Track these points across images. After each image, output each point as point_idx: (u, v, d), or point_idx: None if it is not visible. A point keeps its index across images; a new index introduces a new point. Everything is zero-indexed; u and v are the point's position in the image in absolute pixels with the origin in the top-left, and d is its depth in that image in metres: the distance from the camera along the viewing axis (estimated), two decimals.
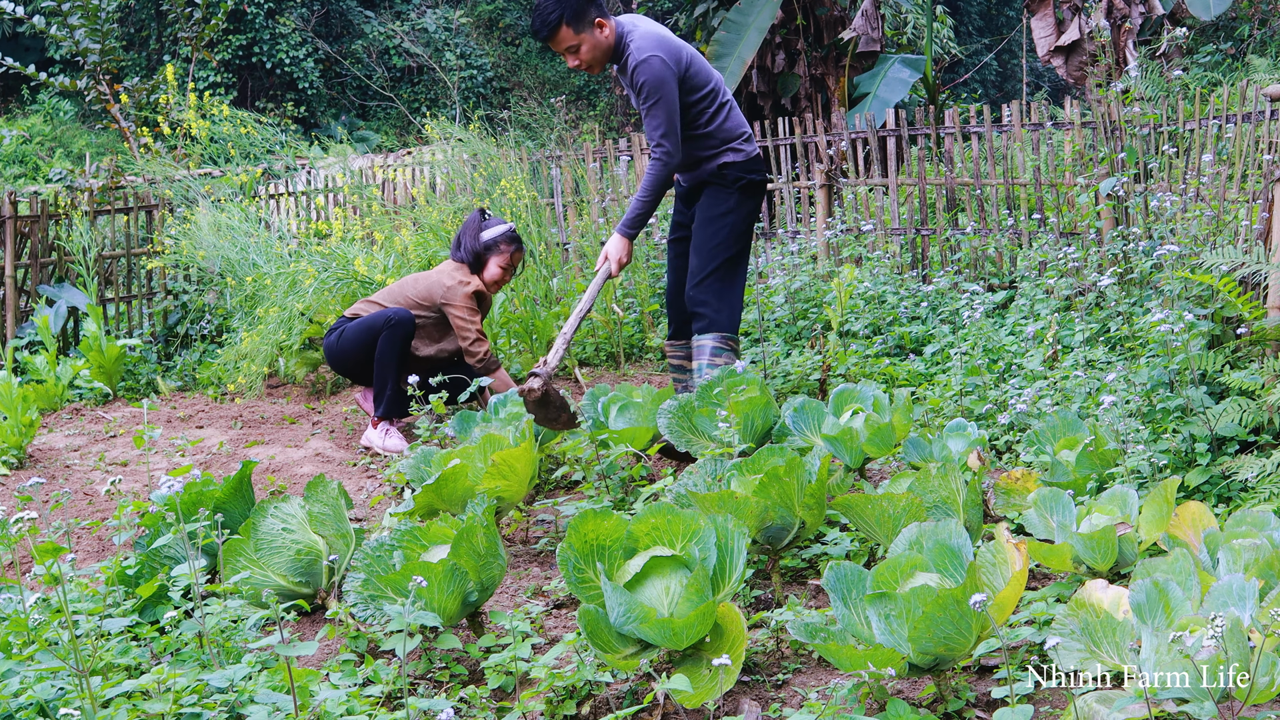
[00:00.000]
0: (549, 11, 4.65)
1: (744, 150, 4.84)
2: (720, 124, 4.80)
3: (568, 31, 4.67)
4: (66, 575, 2.82)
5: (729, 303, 4.82)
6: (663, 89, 4.62)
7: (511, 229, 5.69)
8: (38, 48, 18.10)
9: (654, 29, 4.75)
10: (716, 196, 4.84)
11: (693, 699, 2.68)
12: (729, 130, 4.82)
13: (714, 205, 4.84)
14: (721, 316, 4.78)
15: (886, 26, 13.45)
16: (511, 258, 5.66)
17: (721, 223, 4.81)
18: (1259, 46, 12.26)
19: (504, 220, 5.76)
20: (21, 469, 5.48)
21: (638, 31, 4.71)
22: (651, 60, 4.62)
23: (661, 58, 4.63)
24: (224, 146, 8.32)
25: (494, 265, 5.61)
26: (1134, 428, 3.66)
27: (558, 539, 4.06)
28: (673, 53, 4.69)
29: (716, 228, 4.81)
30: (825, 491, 3.43)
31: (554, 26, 4.66)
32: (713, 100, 4.79)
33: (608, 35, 4.71)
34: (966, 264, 6.76)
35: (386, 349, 5.43)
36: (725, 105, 4.83)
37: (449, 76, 20.70)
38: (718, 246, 4.80)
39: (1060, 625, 2.64)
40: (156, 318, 7.68)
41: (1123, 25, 9.58)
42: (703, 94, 4.76)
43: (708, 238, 4.82)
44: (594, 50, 4.72)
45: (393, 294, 5.63)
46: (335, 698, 2.67)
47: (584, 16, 4.66)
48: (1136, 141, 5.46)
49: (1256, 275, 4.17)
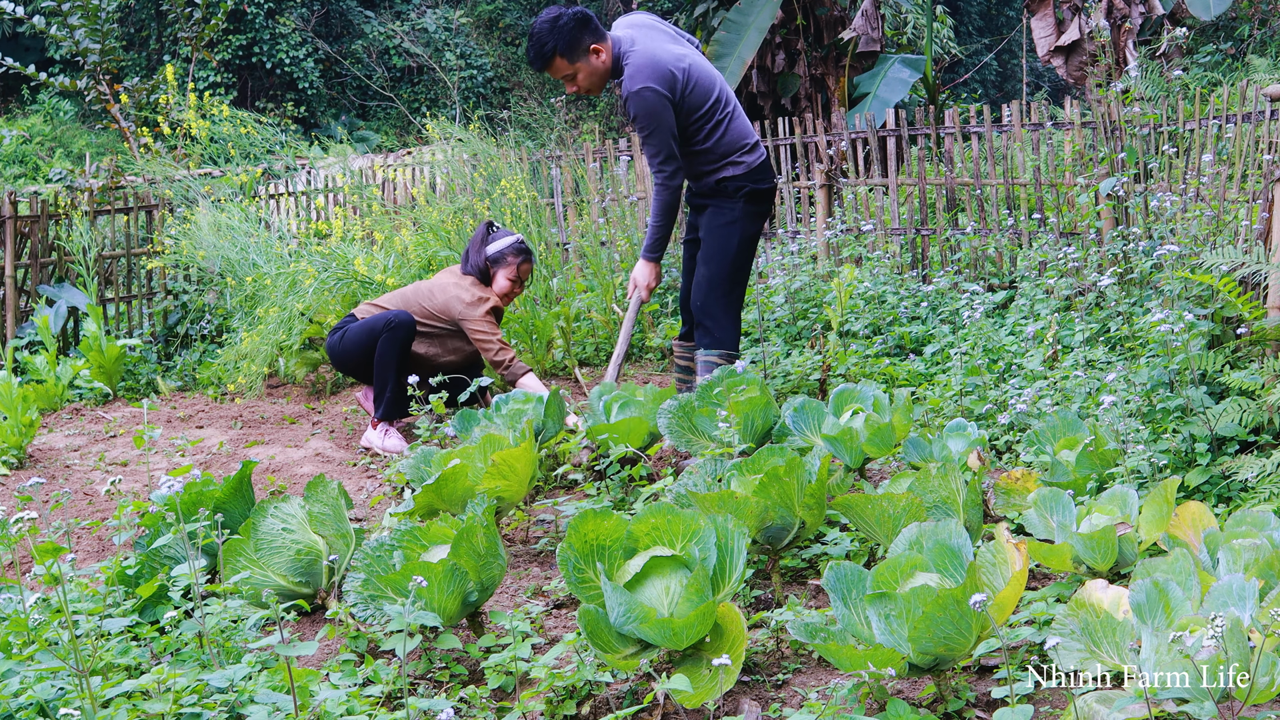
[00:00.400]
0: (543, 43, 4.64)
1: (745, 162, 4.79)
2: (719, 139, 4.75)
3: (562, 62, 4.67)
4: (66, 575, 2.82)
5: (733, 317, 4.86)
6: (656, 121, 4.60)
7: (518, 241, 5.64)
8: (38, 48, 18.10)
9: (649, 51, 4.64)
10: (721, 207, 4.83)
11: (693, 699, 2.68)
12: (728, 144, 4.77)
13: (718, 215, 4.83)
14: (725, 334, 4.82)
15: (886, 26, 13.45)
16: (519, 270, 5.62)
17: (728, 231, 4.81)
18: (1259, 46, 12.26)
19: (512, 232, 5.71)
20: (21, 469, 5.48)
21: (634, 54, 4.64)
22: (644, 94, 4.58)
23: (654, 89, 4.58)
24: (224, 146, 8.32)
25: (501, 278, 5.59)
26: (1134, 428, 3.66)
27: (558, 539, 4.06)
28: (666, 80, 4.61)
29: (724, 236, 4.81)
30: (825, 491, 3.43)
31: (548, 58, 4.66)
32: (712, 116, 4.73)
33: (604, 60, 4.69)
34: (966, 264, 6.76)
35: (386, 351, 5.42)
36: (724, 120, 4.76)
37: (449, 76, 20.70)
38: (728, 256, 4.80)
39: (1060, 625, 2.64)
40: (156, 318, 7.68)
41: (1123, 25, 9.59)
42: (702, 112, 4.71)
43: (716, 249, 4.81)
44: (590, 77, 4.71)
45: (406, 301, 5.61)
46: (335, 698, 2.67)
47: (578, 46, 4.64)
48: (1136, 141, 5.46)
49: (1256, 275, 4.17)
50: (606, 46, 4.68)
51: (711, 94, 4.74)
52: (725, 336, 4.83)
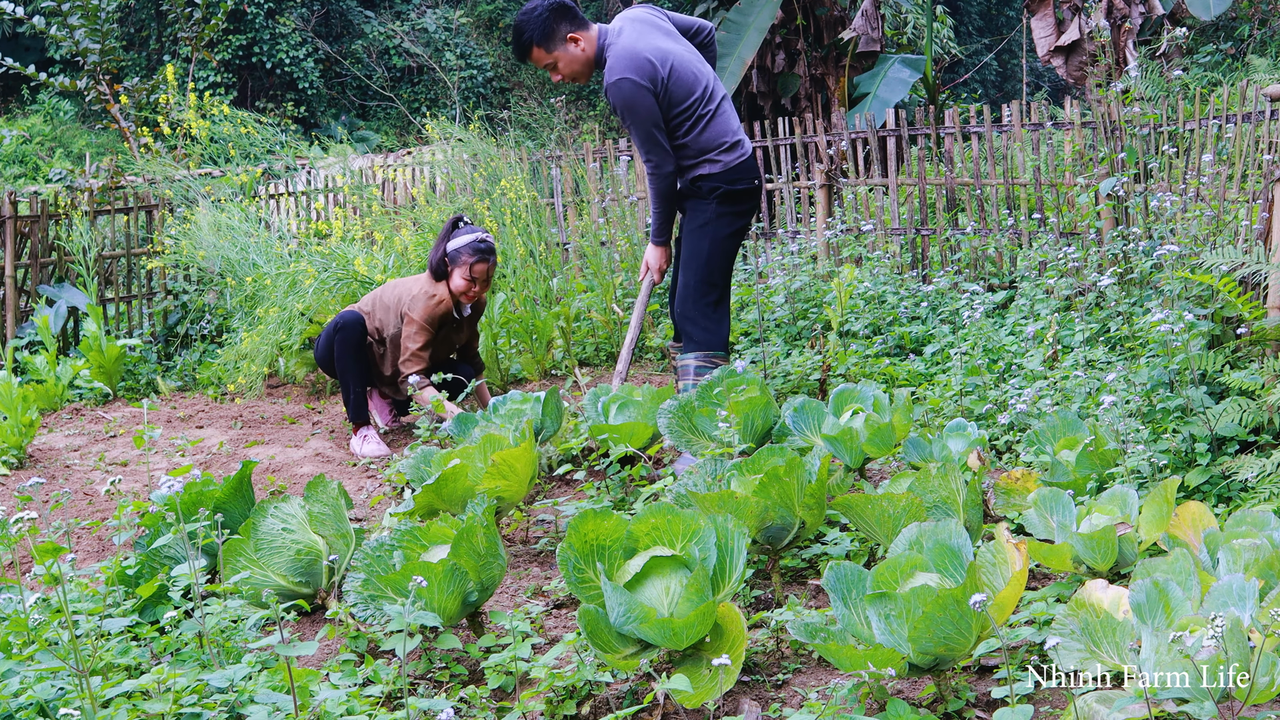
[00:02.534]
0: (520, 33, 4.74)
1: (722, 160, 4.74)
2: (697, 135, 4.73)
3: (540, 51, 4.73)
4: (66, 575, 2.82)
5: (715, 319, 4.79)
6: (635, 110, 4.62)
7: (477, 240, 5.41)
8: (38, 48, 18.09)
9: (629, 44, 4.65)
10: (695, 208, 4.81)
11: (693, 699, 2.68)
12: (706, 142, 4.73)
13: (694, 217, 4.82)
14: (708, 335, 4.77)
15: (886, 26, 13.45)
16: (472, 270, 5.37)
17: (701, 234, 4.78)
18: (1259, 46, 12.27)
19: (477, 229, 5.50)
20: (21, 469, 5.48)
21: (617, 46, 4.67)
22: (621, 84, 4.60)
23: (631, 79, 4.59)
24: (224, 146, 8.33)
25: (457, 277, 5.41)
26: (1134, 428, 3.66)
27: (558, 539, 4.06)
28: (645, 71, 4.61)
29: (697, 240, 4.79)
30: (825, 491, 3.43)
31: (525, 48, 4.75)
32: (692, 111, 4.71)
33: (584, 49, 4.72)
34: (966, 264, 6.76)
35: (341, 354, 5.47)
36: (706, 116, 4.73)
37: (449, 76, 20.70)
38: (701, 261, 4.77)
39: (1060, 625, 2.64)
40: (156, 318, 7.68)
41: (1123, 25, 9.59)
42: (683, 107, 4.69)
43: (691, 253, 4.80)
44: (571, 65, 4.75)
45: (373, 297, 5.62)
46: (335, 698, 2.67)
47: (554, 35, 4.69)
48: (1136, 141, 5.46)
49: (1256, 275, 4.17)
50: (587, 35, 4.72)
51: (694, 90, 4.71)
52: (706, 339, 4.77)
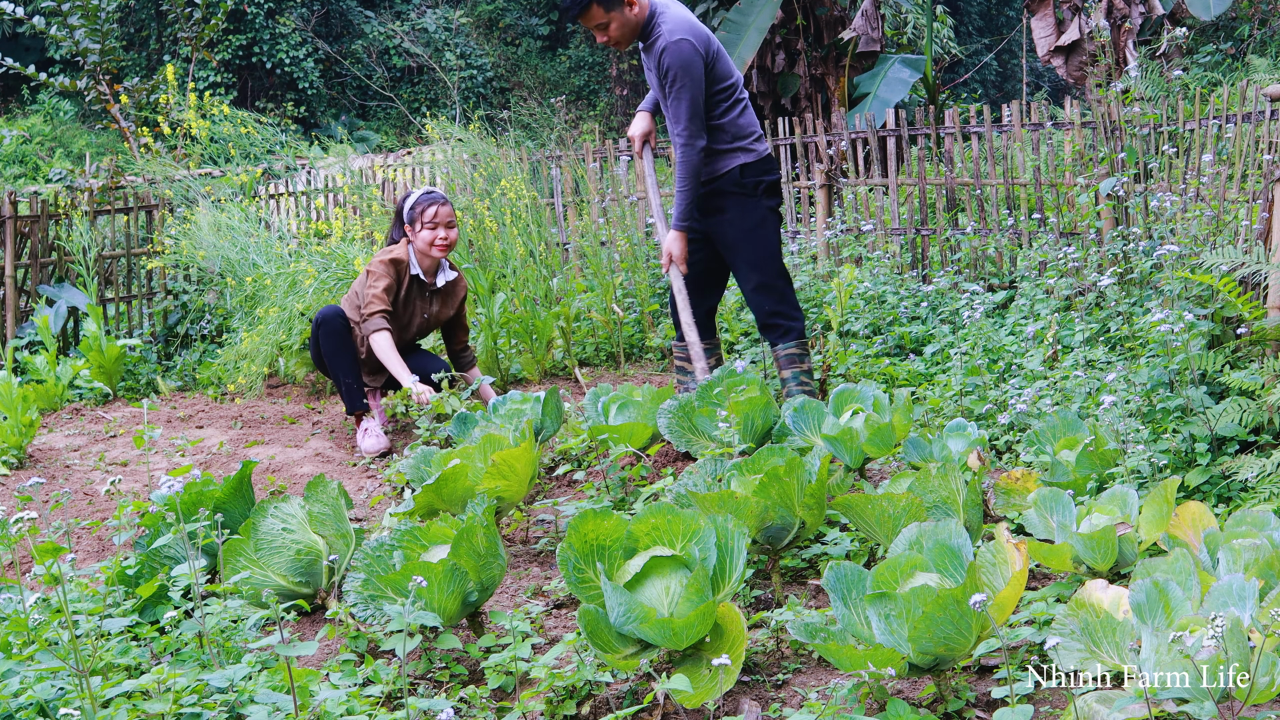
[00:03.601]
0: None
1: (756, 150, 4.81)
2: (734, 119, 4.77)
3: (598, 10, 4.70)
4: (66, 575, 2.81)
5: (795, 303, 4.88)
6: (690, 71, 4.63)
7: (423, 192, 5.56)
8: (38, 48, 18.10)
9: (685, 14, 4.75)
10: (745, 207, 4.80)
11: (693, 699, 2.68)
12: (741, 127, 4.79)
13: (746, 217, 4.81)
14: (797, 323, 4.86)
15: (886, 26, 13.46)
16: (434, 215, 5.47)
17: (761, 233, 4.80)
18: (1259, 46, 12.27)
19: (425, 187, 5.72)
20: (21, 469, 5.48)
21: (669, 13, 4.72)
22: (682, 45, 4.62)
23: (691, 42, 4.64)
24: (224, 146, 8.32)
25: (423, 231, 5.51)
26: (1134, 428, 3.66)
27: (558, 539, 4.06)
28: (702, 39, 4.69)
29: (758, 241, 4.80)
30: (825, 491, 3.43)
31: (585, 5, 4.69)
32: (732, 93, 4.78)
33: (638, 13, 4.73)
34: (966, 264, 6.76)
35: (327, 348, 5.53)
36: (742, 101, 4.82)
37: (449, 76, 20.70)
38: (768, 256, 4.81)
39: (1060, 625, 2.64)
40: (156, 318, 7.68)
41: (1123, 25, 9.59)
42: (723, 86, 4.75)
43: (760, 256, 4.80)
44: (623, 28, 4.74)
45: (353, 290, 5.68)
46: (335, 698, 2.67)
47: None
48: (1136, 141, 5.46)
49: (1256, 275, 4.17)
50: (641, 1, 4.73)
51: (731, 74, 4.81)
52: (799, 326, 4.86)
